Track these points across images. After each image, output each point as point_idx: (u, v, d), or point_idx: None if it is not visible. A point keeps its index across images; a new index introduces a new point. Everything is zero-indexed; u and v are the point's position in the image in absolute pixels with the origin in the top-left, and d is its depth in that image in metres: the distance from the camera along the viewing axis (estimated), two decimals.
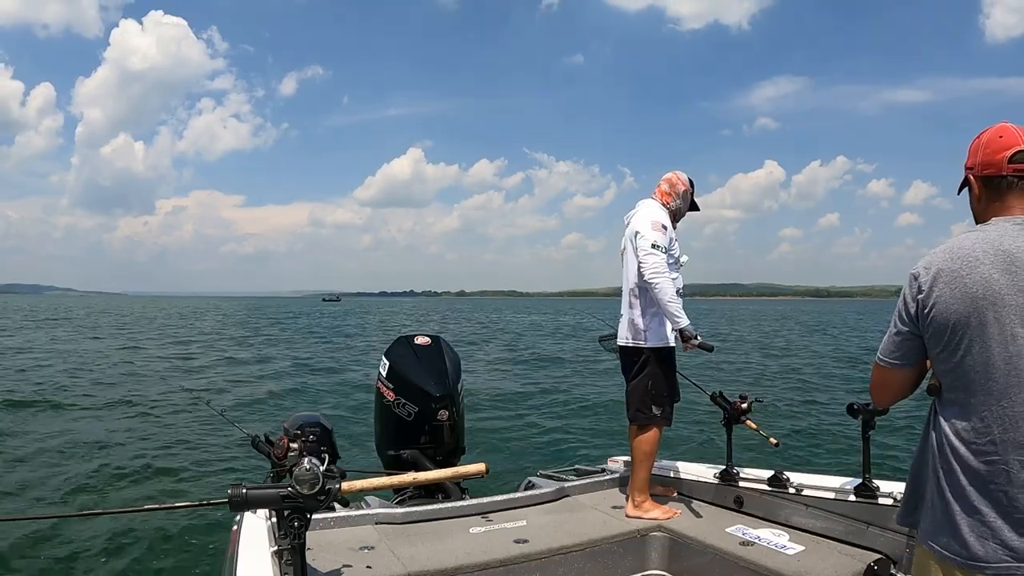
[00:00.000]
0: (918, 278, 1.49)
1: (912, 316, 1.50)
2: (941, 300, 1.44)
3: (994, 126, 1.53)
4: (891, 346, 1.57)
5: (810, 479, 2.79)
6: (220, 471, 6.72)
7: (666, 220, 3.06)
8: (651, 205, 3.13)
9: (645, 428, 3.01)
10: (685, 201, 3.21)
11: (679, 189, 3.18)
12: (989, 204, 1.53)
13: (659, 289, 2.89)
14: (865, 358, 15.18)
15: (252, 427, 3.53)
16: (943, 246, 1.50)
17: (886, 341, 1.59)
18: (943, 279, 1.44)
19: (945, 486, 1.44)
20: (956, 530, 1.41)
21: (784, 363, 16.09)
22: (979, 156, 1.53)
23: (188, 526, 5.03)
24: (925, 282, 1.47)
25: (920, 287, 1.48)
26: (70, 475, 6.53)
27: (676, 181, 3.19)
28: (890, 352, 1.58)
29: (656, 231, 2.97)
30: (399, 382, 3.42)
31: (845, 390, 12.45)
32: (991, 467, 1.38)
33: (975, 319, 1.40)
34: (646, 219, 3.02)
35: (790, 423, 9.13)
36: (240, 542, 2.13)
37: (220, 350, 20.70)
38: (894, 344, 1.56)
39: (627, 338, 3.08)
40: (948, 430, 1.45)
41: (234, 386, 12.93)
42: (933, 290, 1.45)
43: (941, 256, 1.47)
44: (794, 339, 23.99)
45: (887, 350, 1.59)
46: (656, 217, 3.03)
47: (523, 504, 3.03)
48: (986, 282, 1.40)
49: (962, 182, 1.59)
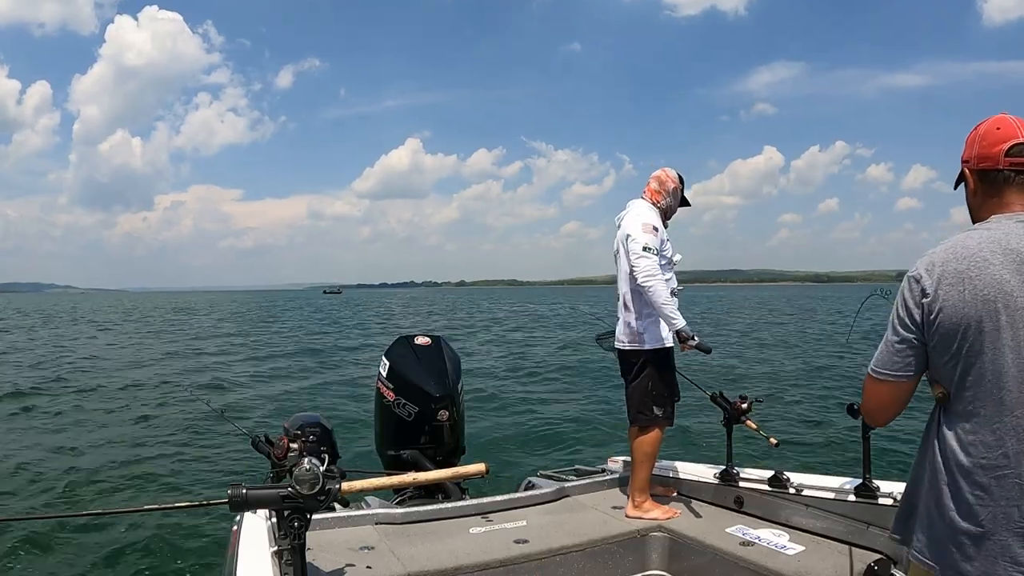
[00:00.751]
0: (920, 280, 1.37)
1: (916, 322, 1.38)
2: (949, 303, 1.33)
3: (992, 117, 1.45)
4: (890, 356, 1.43)
5: (810, 479, 2.79)
6: (220, 471, 6.72)
7: (657, 221, 3.05)
8: (641, 205, 3.12)
9: (646, 429, 3.01)
10: (676, 198, 3.20)
11: (669, 187, 3.17)
12: (986, 199, 1.44)
13: (653, 292, 2.88)
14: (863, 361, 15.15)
15: (252, 427, 3.53)
16: (943, 246, 1.39)
17: (883, 351, 1.45)
18: (949, 280, 1.33)
19: (947, 501, 1.35)
20: (960, 547, 1.32)
21: (784, 362, 16.08)
22: (975, 149, 1.45)
23: (188, 526, 5.03)
24: (929, 284, 1.35)
25: (924, 290, 1.36)
26: (69, 475, 6.54)
27: (666, 179, 3.17)
28: (890, 363, 1.44)
29: (647, 233, 2.96)
30: (399, 382, 3.43)
31: (845, 390, 12.44)
32: (1002, 482, 1.29)
33: (988, 323, 1.30)
34: (636, 221, 3.01)
35: (790, 423, 9.13)
36: (240, 542, 2.13)
37: (220, 348, 20.69)
38: (894, 353, 1.43)
39: (624, 341, 3.07)
40: (953, 442, 1.35)
41: (234, 385, 12.92)
42: (939, 293, 1.34)
43: (944, 256, 1.37)
44: (793, 332, 23.99)
45: (886, 361, 1.44)
46: (646, 219, 3.02)
47: (523, 504, 3.03)
48: (998, 283, 1.30)
49: (959, 176, 1.50)
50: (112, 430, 8.57)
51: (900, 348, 1.42)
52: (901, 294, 1.42)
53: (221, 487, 4.69)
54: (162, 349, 20.77)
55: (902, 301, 1.41)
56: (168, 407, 9.96)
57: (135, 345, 22.67)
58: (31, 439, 8.02)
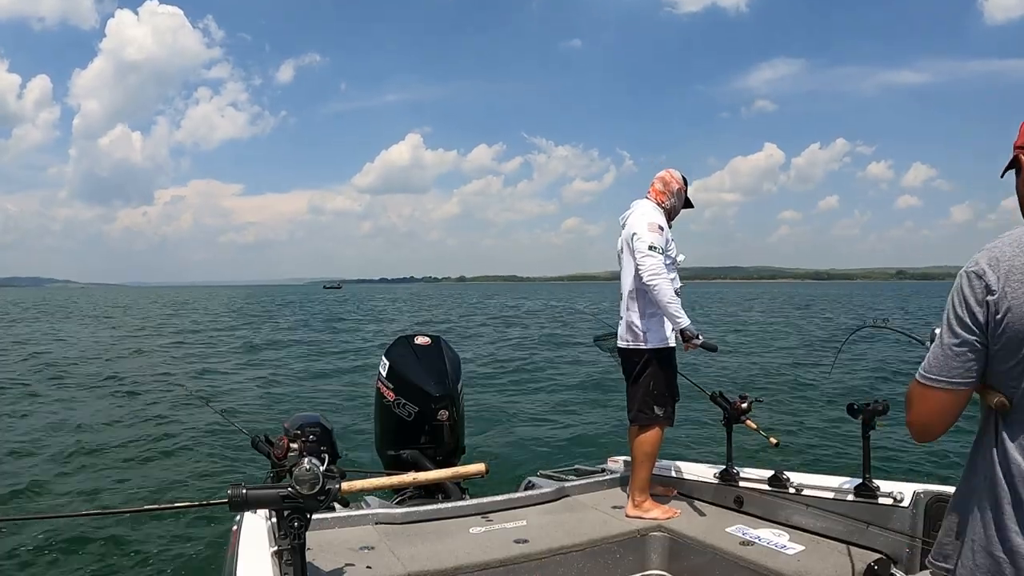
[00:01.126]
0: (983, 276, 1.21)
1: (980, 322, 1.22)
2: (1019, 302, 1.18)
3: None
4: (948, 360, 1.26)
5: (810, 479, 2.79)
6: (220, 471, 6.71)
7: (662, 220, 3.07)
8: (646, 205, 3.13)
9: (647, 428, 3.02)
10: (680, 199, 3.22)
11: (673, 187, 3.18)
12: None
13: (658, 291, 2.89)
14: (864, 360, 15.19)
15: (252, 427, 3.54)
16: (1006, 239, 1.24)
17: (937, 355, 1.28)
18: (1017, 277, 1.19)
19: (1009, 522, 1.19)
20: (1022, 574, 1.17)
21: (783, 361, 16.08)
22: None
23: (188, 526, 5.02)
24: (995, 281, 1.20)
25: (989, 287, 1.20)
26: (69, 475, 6.54)
27: (670, 179, 3.19)
28: (947, 369, 1.26)
29: (652, 232, 2.97)
30: (399, 382, 3.43)
31: (845, 390, 12.45)
32: None
33: None
34: (642, 220, 3.03)
35: (790, 423, 9.13)
36: (240, 542, 2.13)
37: (220, 346, 20.67)
38: (952, 357, 1.26)
39: (627, 340, 3.08)
40: (1018, 455, 1.20)
41: (234, 385, 12.92)
42: (1007, 290, 1.19)
43: (1008, 250, 1.22)
44: (793, 332, 24.00)
45: (942, 366, 1.27)
46: (652, 218, 3.04)
47: (523, 504, 3.03)
48: None
49: (1009, 162, 1.35)
50: (111, 430, 8.56)
51: (959, 351, 1.25)
52: (960, 291, 1.25)
53: (221, 487, 4.70)
54: (161, 346, 20.75)
55: (961, 300, 1.25)
56: (168, 407, 9.95)
57: (133, 339, 22.67)
58: (30, 439, 8.01)
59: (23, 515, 5.42)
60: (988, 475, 1.25)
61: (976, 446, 1.30)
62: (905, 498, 2.38)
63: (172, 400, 10.28)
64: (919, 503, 2.33)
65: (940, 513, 2.25)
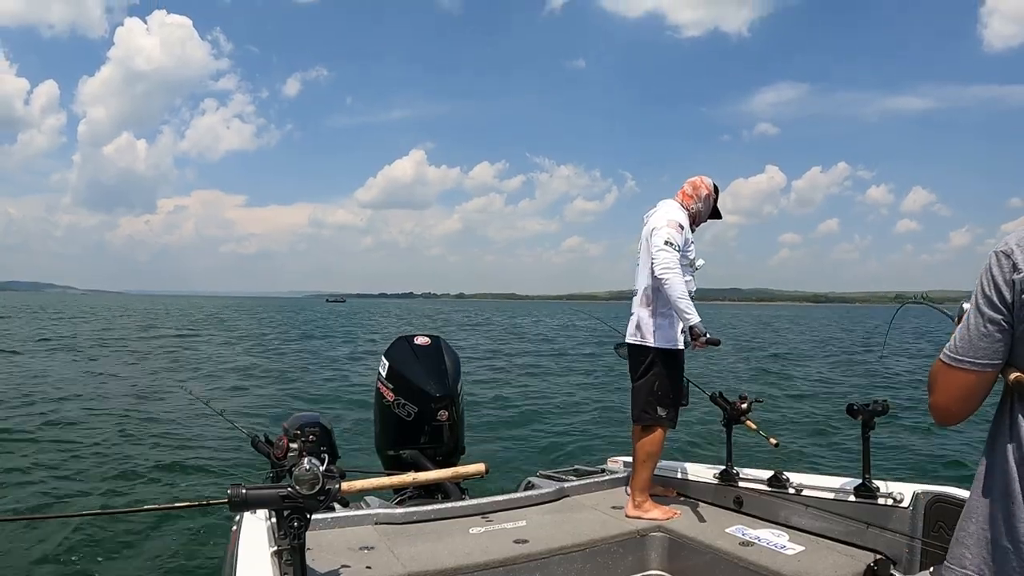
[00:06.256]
0: (1012, 255, 1.17)
1: (1007, 302, 1.18)
2: None
3: None
4: (975, 340, 1.22)
5: (810, 479, 2.79)
6: (220, 471, 6.71)
7: (684, 220, 3.08)
8: (671, 205, 3.15)
9: (649, 429, 3.01)
10: (707, 205, 3.22)
11: (702, 192, 3.20)
12: None
13: (669, 284, 2.88)
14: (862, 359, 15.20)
15: (252, 427, 3.54)
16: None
17: (965, 335, 1.24)
18: None
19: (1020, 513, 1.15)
20: None
21: (783, 364, 16.12)
22: None
23: (188, 526, 5.02)
24: (1022, 260, 1.16)
25: (1016, 265, 1.16)
26: (68, 475, 6.53)
27: (700, 184, 3.21)
28: (973, 349, 1.22)
29: (672, 229, 2.98)
30: (399, 382, 3.43)
31: (845, 390, 12.47)
32: None
33: None
34: (663, 217, 3.04)
35: (790, 423, 9.13)
36: (240, 542, 2.13)
37: (220, 349, 20.69)
38: (980, 337, 1.21)
39: (635, 336, 3.08)
40: None
41: (234, 386, 12.92)
42: None
43: None
44: (791, 340, 24.02)
45: (968, 347, 1.23)
46: (674, 216, 3.05)
47: (523, 504, 3.03)
48: None
49: None
50: (111, 430, 8.55)
51: (987, 331, 1.21)
52: (988, 271, 1.22)
53: (221, 487, 4.70)
54: (162, 350, 20.75)
55: (990, 279, 1.21)
56: (168, 407, 9.95)
57: (134, 342, 22.66)
58: (28, 439, 8.00)
59: (23, 515, 5.42)
60: (1001, 462, 1.21)
61: (993, 431, 1.27)
62: (905, 499, 2.38)
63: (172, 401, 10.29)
64: (919, 504, 2.33)
65: (940, 513, 2.25)
